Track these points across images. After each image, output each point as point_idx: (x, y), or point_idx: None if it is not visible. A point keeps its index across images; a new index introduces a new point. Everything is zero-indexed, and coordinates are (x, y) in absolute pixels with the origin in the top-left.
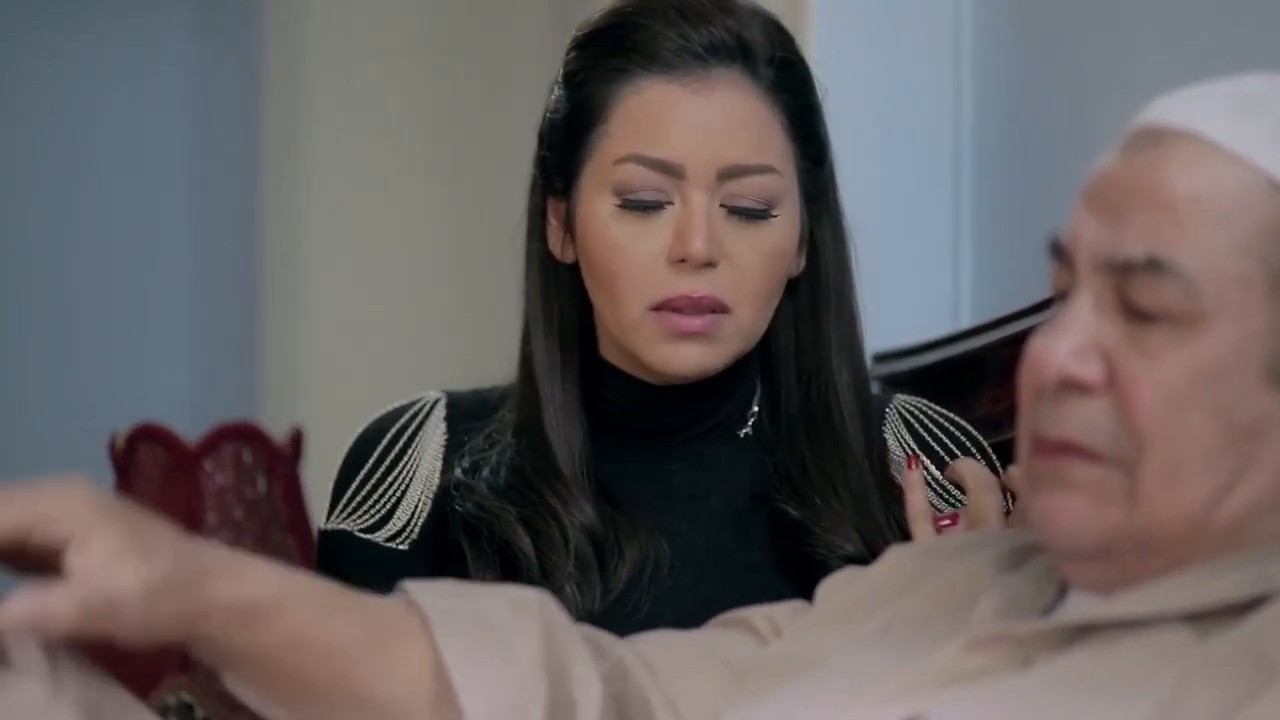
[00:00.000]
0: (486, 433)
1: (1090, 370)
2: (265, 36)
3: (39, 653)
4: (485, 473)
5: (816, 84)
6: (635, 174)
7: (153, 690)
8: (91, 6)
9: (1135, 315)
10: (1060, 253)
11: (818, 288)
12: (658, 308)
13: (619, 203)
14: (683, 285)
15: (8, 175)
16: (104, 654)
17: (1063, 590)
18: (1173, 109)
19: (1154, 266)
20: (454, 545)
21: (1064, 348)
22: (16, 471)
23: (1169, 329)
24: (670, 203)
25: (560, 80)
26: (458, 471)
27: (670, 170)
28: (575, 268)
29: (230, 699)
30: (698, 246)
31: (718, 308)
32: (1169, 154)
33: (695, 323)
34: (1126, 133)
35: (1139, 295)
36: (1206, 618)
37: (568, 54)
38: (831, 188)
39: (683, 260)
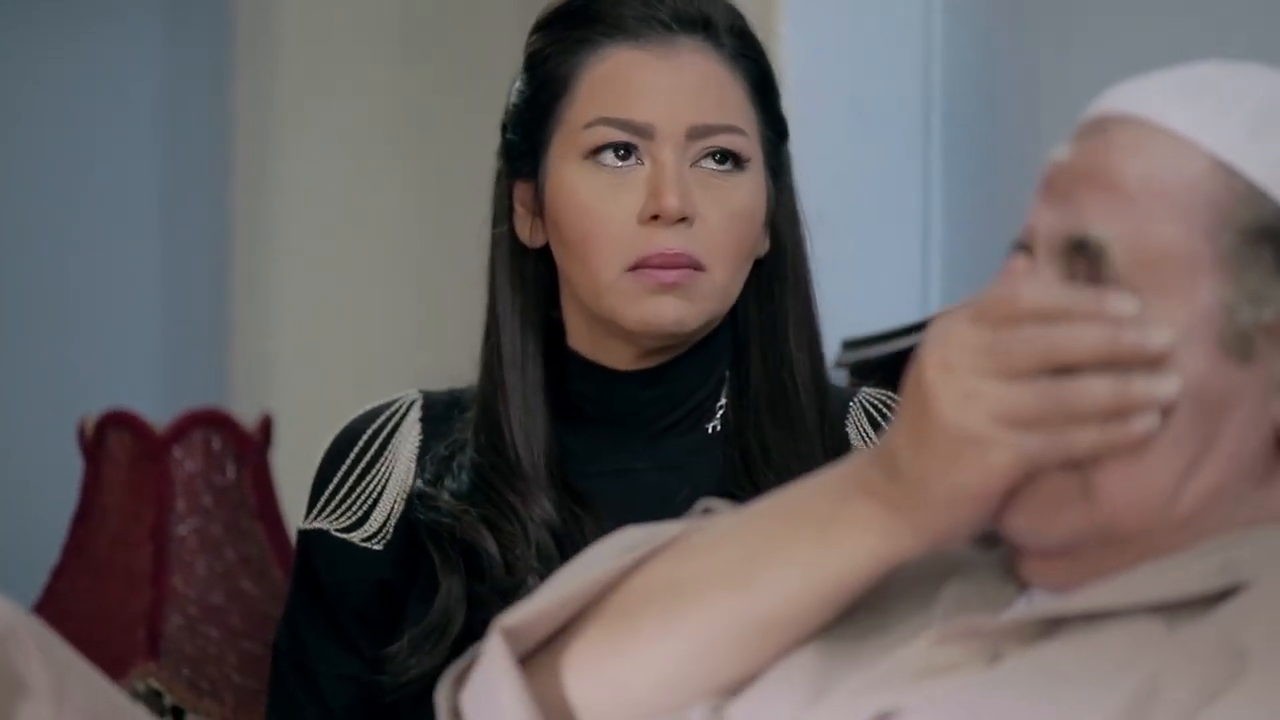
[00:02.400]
0: (449, 440)
1: None
2: (236, 26)
3: (44, 663)
4: (448, 480)
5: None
6: (605, 135)
7: (121, 677)
8: (62, 2)
9: None
10: (1022, 248)
11: (776, 265)
12: (634, 268)
13: (586, 154)
14: (658, 243)
15: None
16: (72, 642)
17: (1024, 585)
18: (1119, 96)
19: (1099, 247)
20: (425, 547)
21: None
22: None
23: None
24: (640, 163)
25: (523, 65)
26: (419, 482)
27: (640, 131)
28: (543, 255)
29: (199, 686)
30: (671, 202)
31: (693, 265)
32: (1115, 139)
33: (671, 274)
34: (1078, 124)
35: (1090, 277)
36: (1176, 608)
37: (530, 38)
38: (788, 166)
39: (656, 217)
